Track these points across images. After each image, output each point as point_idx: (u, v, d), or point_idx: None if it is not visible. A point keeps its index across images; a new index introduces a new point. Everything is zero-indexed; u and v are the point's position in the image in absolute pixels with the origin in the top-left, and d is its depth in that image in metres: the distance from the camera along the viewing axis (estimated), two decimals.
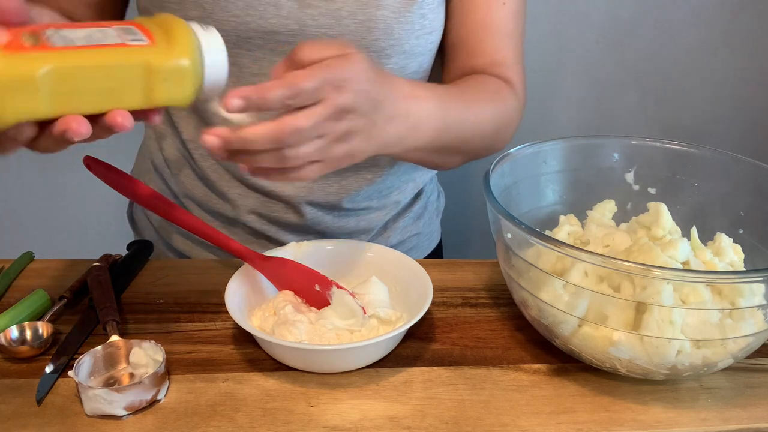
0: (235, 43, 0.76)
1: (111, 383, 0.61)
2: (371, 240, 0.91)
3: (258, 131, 0.56)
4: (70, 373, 0.58)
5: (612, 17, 1.38)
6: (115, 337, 0.63)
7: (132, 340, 0.63)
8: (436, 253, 1.02)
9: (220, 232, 0.71)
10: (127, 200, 1.01)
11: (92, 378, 0.60)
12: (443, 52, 0.85)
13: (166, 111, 0.88)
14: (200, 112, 0.82)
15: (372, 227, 0.91)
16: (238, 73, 0.78)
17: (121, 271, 0.76)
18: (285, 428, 0.58)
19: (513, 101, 0.81)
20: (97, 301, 0.68)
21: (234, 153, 0.58)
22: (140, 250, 0.81)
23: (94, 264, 0.75)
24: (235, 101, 0.55)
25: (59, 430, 0.57)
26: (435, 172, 0.98)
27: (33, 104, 0.49)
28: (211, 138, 0.56)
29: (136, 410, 0.58)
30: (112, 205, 1.45)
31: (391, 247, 0.92)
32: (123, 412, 0.58)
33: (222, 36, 0.75)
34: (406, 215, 0.94)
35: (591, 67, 1.42)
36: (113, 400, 0.57)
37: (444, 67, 0.86)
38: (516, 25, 0.83)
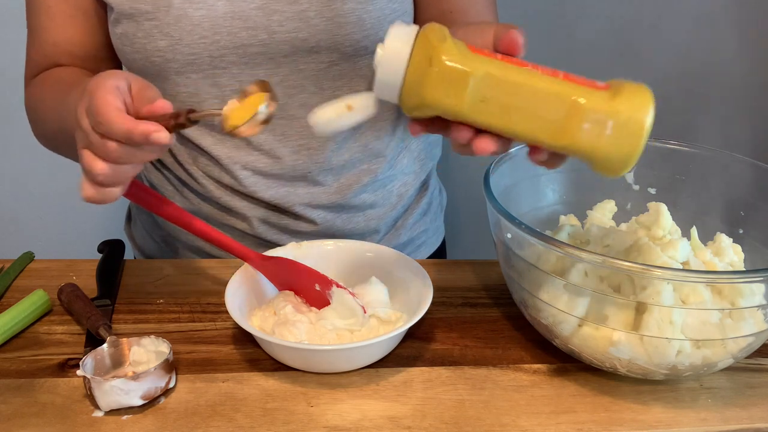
0: (210, 64, 0.76)
1: None
2: (382, 240, 0.91)
3: None
4: (78, 372, 0.58)
5: (612, 17, 1.38)
6: (112, 338, 0.63)
7: (131, 339, 0.63)
8: (442, 248, 1.03)
9: (220, 231, 0.71)
10: (124, 204, 1.01)
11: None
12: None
13: None
14: (192, 139, 0.83)
15: (381, 226, 0.91)
16: (219, 94, 0.78)
17: (105, 273, 0.76)
18: (285, 428, 0.58)
19: None
20: (81, 314, 0.68)
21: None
22: (114, 250, 0.81)
23: (60, 286, 0.73)
24: None
25: (59, 430, 0.57)
26: (434, 165, 0.99)
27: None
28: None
29: (152, 398, 0.59)
30: (112, 206, 1.45)
31: (402, 244, 0.92)
32: (140, 401, 0.58)
33: (195, 59, 0.76)
34: (414, 212, 0.94)
35: (591, 67, 1.42)
36: (130, 389, 0.58)
37: None
38: None
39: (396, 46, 0.52)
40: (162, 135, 0.56)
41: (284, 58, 0.77)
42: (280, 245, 0.86)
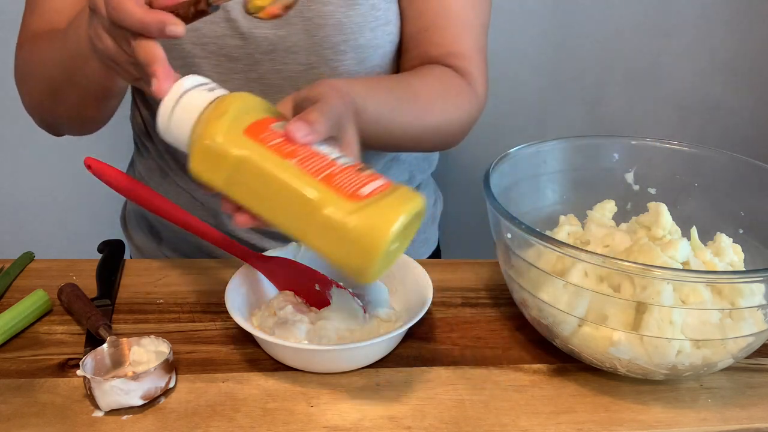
0: (189, 52, 0.76)
1: None
2: None
3: None
4: (78, 372, 0.58)
5: (611, 17, 1.38)
6: (112, 338, 0.63)
7: (131, 339, 0.63)
8: (434, 257, 1.02)
9: (222, 233, 0.71)
10: (122, 204, 1.01)
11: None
12: (402, 42, 0.83)
13: (143, 123, 0.87)
14: None
15: None
16: None
17: (105, 273, 0.76)
18: (285, 428, 0.58)
19: (467, 94, 0.80)
20: (81, 314, 0.68)
21: None
22: (114, 250, 0.81)
23: (60, 286, 0.72)
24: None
25: (59, 430, 0.57)
26: (429, 175, 0.98)
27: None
28: None
29: (152, 398, 0.59)
30: (111, 206, 1.45)
31: None
32: (140, 401, 0.58)
33: (176, 47, 0.74)
34: None
35: (591, 68, 1.42)
36: (130, 389, 0.58)
37: (401, 57, 0.84)
38: (476, 15, 0.82)
39: (191, 105, 0.54)
40: (178, 28, 0.54)
41: (262, 55, 0.77)
42: (251, 245, 0.86)
